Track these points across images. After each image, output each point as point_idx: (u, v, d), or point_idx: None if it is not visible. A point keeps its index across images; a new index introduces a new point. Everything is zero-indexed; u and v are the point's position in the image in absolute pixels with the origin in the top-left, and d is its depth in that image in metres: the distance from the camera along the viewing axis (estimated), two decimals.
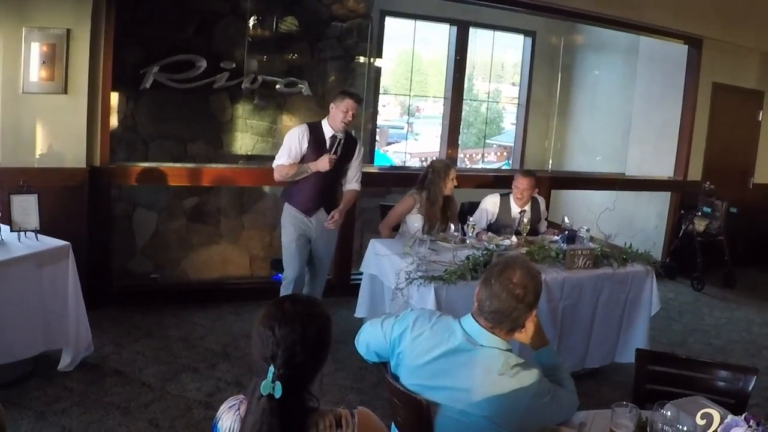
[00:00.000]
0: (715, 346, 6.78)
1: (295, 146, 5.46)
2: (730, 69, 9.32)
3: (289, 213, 5.66)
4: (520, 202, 6.38)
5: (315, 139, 5.48)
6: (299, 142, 5.46)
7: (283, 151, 5.50)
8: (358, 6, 8.54)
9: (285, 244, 5.73)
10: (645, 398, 3.22)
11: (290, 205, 5.65)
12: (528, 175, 6.38)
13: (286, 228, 5.69)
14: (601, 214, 6.03)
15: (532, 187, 6.33)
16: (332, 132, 5.51)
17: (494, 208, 6.45)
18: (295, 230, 5.64)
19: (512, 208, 6.41)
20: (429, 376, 2.65)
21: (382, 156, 11.72)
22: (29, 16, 5.64)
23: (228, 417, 2.04)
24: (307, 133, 5.49)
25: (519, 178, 6.38)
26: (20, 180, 5.00)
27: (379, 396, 4.92)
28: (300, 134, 5.48)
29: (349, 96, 5.50)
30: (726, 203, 8.81)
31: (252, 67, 7.84)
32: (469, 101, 12.23)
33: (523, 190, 6.30)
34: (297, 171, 5.46)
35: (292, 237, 5.64)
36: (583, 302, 5.25)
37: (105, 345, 5.49)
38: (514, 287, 2.62)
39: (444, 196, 6.09)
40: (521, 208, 6.39)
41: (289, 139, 5.50)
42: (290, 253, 5.67)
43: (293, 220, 5.64)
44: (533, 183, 6.34)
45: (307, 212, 5.62)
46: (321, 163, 5.40)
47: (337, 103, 5.46)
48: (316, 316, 2.01)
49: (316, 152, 5.45)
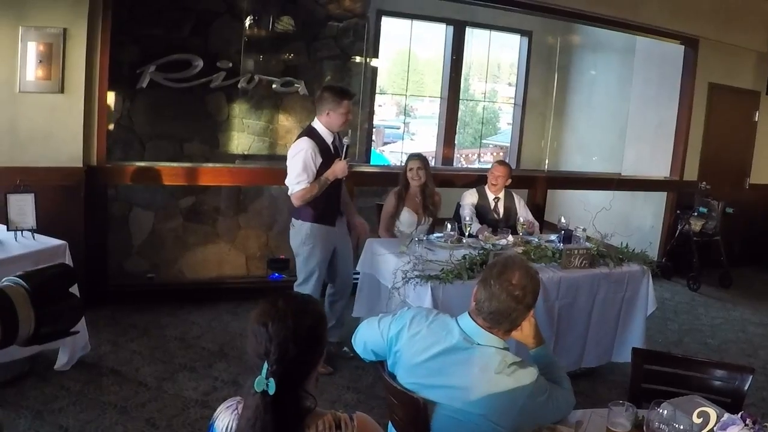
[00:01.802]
0: (711, 345, 6.79)
1: (310, 166, 5.16)
2: (727, 69, 9.32)
3: (314, 231, 5.35)
4: (494, 188, 6.60)
5: (321, 149, 5.23)
6: (313, 159, 5.17)
7: (301, 174, 5.14)
8: (354, 5, 8.54)
9: (308, 264, 5.41)
10: (641, 397, 3.22)
11: (312, 222, 5.34)
12: (503, 164, 6.73)
13: (316, 249, 5.37)
14: (598, 213, 6.02)
15: (505, 176, 6.57)
16: (331, 135, 5.30)
17: (473, 197, 6.63)
18: (323, 250, 5.39)
19: (488, 195, 6.64)
20: (426, 374, 2.66)
21: (378, 156, 11.74)
22: (26, 15, 5.63)
23: (225, 416, 2.05)
24: (315, 147, 5.18)
25: (495, 165, 6.77)
26: (17, 179, 5.01)
27: (376, 395, 4.93)
28: (312, 152, 5.15)
29: (345, 96, 5.26)
30: (722, 203, 8.82)
31: (248, 67, 7.85)
32: (466, 101, 12.27)
33: (498, 176, 6.55)
34: (319, 188, 5.20)
35: (320, 257, 5.38)
36: (579, 302, 5.26)
37: (102, 344, 5.49)
38: (513, 288, 2.63)
39: (420, 186, 6.26)
40: (495, 194, 6.63)
41: (303, 160, 5.14)
42: (313, 272, 5.40)
43: (321, 238, 5.37)
44: (507, 172, 6.60)
45: (332, 223, 5.43)
46: (339, 170, 5.23)
47: (334, 108, 5.20)
48: (310, 313, 2.02)
49: (326, 162, 5.24)
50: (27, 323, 1.49)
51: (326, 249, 5.43)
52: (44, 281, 1.58)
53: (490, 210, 6.58)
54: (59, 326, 1.60)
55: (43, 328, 1.53)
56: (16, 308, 1.47)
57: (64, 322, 1.61)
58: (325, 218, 5.37)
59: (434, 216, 6.20)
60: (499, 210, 6.59)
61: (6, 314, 1.45)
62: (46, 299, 1.54)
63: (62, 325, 1.61)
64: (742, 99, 9.67)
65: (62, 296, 1.60)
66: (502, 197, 6.65)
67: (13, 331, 1.47)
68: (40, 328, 1.52)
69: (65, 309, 1.61)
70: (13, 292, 1.49)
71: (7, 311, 1.46)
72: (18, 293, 1.50)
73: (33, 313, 1.50)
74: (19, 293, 1.50)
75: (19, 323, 1.47)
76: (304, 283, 5.44)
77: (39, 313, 1.51)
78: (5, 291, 1.49)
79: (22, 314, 1.48)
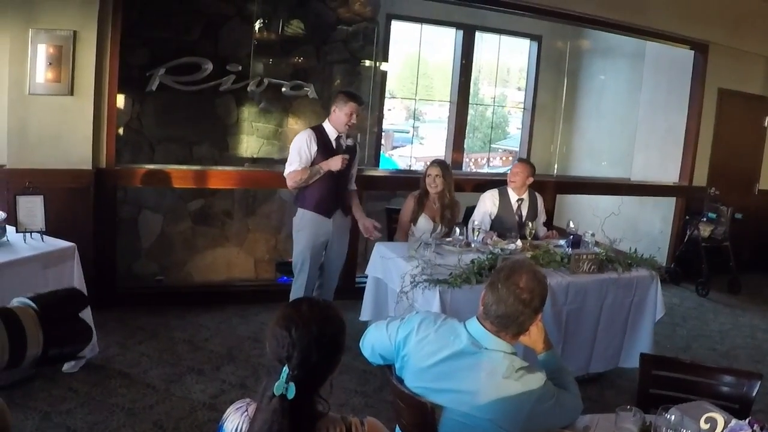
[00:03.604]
0: (719, 351, 6.77)
1: (304, 150, 5.48)
2: (736, 75, 9.30)
3: (307, 218, 5.62)
4: (513, 185, 6.42)
5: (321, 141, 5.52)
6: (308, 146, 5.48)
7: (293, 157, 5.51)
8: (364, 9, 8.55)
9: (300, 249, 5.69)
10: (649, 402, 3.21)
11: (308, 209, 5.61)
12: (522, 162, 6.60)
13: (303, 233, 5.65)
14: (606, 218, 6.03)
15: (526, 173, 6.40)
16: (336, 133, 5.57)
17: (494, 204, 6.46)
18: (312, 235, 5.61)
19: (510, 196, 6.46)
20: (434, 378, 2.66)
21: (387, 160, 11.72)
22: (36, 18, 5.65)
23: (235, 418, 2.04)
24: (314, 136, 5.51)
25: (515, 163, 6.64)
26: (26, 181, 5.02)
27: (383, 399, 4.94)
28: (307, 138, 5.50)
29: (352, 99, 5.53)
30: (731, 209, 8.80)
31: (258, 70, 7.86)
32: (475, 105, 12.25)
33: (516, 173, 6.41)
34: (310, 174, 5.46)
35: (308, 243, 5.62)
36: (587, 307, 5.24)
37: (110, 346, 5.50)
38: (521, 292, 2.63)
39: (438, 194, 6.24)
40: (518, 195, 6.46)
41: (297, 145, 5.52)
42: (304, 258, 5.65)
43: (312, 224, 5.61)
44: (528, 169, 6.42)
45: (327, 214, 5.62)
46: (333, 162, 5.45)
47: (340, 106, 5.49)
48: (333, 320, 2.04)
49: (325, 154, 5.50)
50: (35, 344, 1.49)
51: (316, 237, 5.64)
52: (54, 304, 1.58)
53: (513, 212, 6.43)
54: (66, 349, 1.61)
55: (50, 350, 1.54)
56: (25, 328, 1.48)
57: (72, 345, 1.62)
58: (321, 208, 5.61)
59: (451, 226, 6.11)
60: (522, 212, 6.42)
61: (14, 334, 1.46)
62: (55, 321, 1.54)
63: (69, 348, 1.61)
64: (751, 105, 9.64)
65: (71, 319, 1.61)
66: (526, 198, 6.48)
67: (21, 352, 1.47)
68: (48, 349, 1.53)
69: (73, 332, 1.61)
70: (22, 313, 1.50)
71: (15, 331, 1.46)
72: (27, 314, 1.50)
73: (41, 335, 1.50)
74: (28, 314, 1.50)
75: (28, 344, 1.48)
76: (296, 279, 5.74)
77: (47, 335, 1.51)
78: (14, 311, 1.49)
79: (30, 335, 1.48)
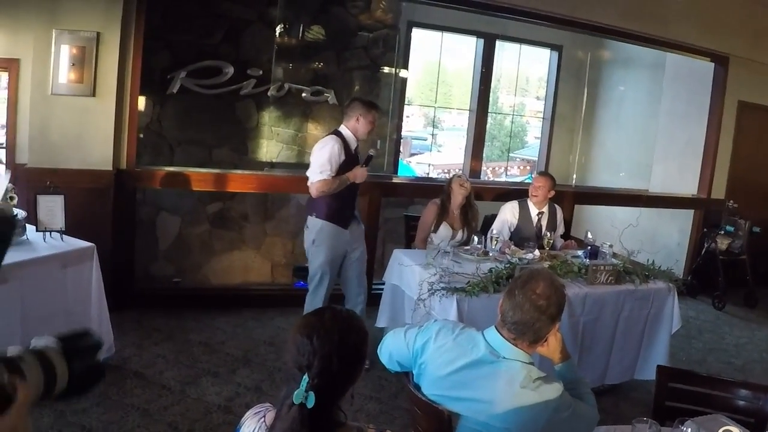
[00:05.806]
0: (735, 365, 6.73)
1: (335, 160, 5.29)
2: (757, 87, 9.24)
3: (325, 231, 5.44)
4: (535, 199, 6.40)
5: (346, 150, 5.38)
6: (339, 155, 5.30)
7: (324, 165, 5.27)
8: (385, 17, 8.58)
9: (318, 263, 5.48)
10: (665, 415, 3.21)
11: (325, 220, 5.43)
12: (543, 175, 6.53)
13: (322, 248, 5.45)
14: (624, 230, 6.00)
15: (547, 186, 6.37)
16: (355, 141, 5.46)
17: (513, 215, 6.44)
18: (331, 249, 5.46)
19: (530, 209, 6.44)
20: (451, 386, 2.66)
21: (405, 167, 11.74)
22: (60, 19, 5.71)
23: (252, 422, 2.04)
24: (342, 144, 5.35)
25: (536, 176, 6.59)
26: (47, 181, 5.07)
27: (399, 406, 4.93)
28: (338, 147, 5.31)
29: (375, 108, 5.53)
30: (749, 222, 8.75)
31: (278, 75, 7.90)
32: (494, 114, 12.25)
33: (537, 187, 6.37)
34: (339, 183, 5.31)
35: (327, 257, 5.45)
36: (604, 318, 5.23)
37: (126, 347, 5.53)
38: (537, 298, 2.63)
39: (462, 203, 6.18)
40: (539, 209, 6.43)
41: (329, 153, 5.28)
42: (323, 272, 5.48)
43: (330, 237, 5.44)
44: (549, 183, 6.38)
45: (344, 224, 5.49)
46: (360, 175, 5.39)
47: (365, 114, 5.37)
48: (355, 329, 2.01)
49: (348, 163, 5.39)
50: (62, 379, 1.53)
51: (335, 250, 5.50)
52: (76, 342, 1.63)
53: (533, 225, 6.40)
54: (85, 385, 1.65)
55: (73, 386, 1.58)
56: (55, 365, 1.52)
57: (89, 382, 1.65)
58: (338, 218, 5.47)
59: (473, 232, 6.09)
60: (542, 224, 6.38)
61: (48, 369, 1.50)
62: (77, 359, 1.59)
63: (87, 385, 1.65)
64: None
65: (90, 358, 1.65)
66: (546, 212, 6.46)
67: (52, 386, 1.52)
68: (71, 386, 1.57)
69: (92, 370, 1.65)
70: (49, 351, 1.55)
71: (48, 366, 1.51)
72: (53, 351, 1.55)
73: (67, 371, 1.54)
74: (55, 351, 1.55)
75: (57, 378, 1.52)
76: (314, 291, 5.56)
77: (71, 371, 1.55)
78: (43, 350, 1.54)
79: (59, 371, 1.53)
